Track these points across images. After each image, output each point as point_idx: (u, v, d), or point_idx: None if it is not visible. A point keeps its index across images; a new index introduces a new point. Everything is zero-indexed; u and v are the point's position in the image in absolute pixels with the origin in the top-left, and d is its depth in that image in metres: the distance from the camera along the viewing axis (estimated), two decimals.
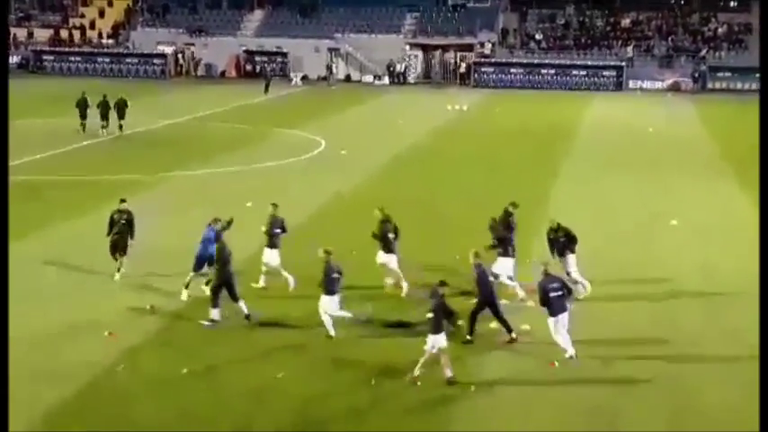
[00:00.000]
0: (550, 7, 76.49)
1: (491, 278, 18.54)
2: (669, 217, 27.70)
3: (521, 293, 19.78)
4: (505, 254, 20.16)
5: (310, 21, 76.34)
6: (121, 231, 21.07)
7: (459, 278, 20.49)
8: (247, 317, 18.32)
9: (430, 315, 16.01)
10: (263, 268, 20.67)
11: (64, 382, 15.67)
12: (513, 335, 17.75)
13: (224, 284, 18.36)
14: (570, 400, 15.48)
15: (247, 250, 21.50)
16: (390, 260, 20.53)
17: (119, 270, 20.95)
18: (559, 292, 16.95)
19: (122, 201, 21.87)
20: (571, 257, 20.31)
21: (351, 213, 26.94)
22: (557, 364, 16.67)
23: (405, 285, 20.39)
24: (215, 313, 18.28)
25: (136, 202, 26.69)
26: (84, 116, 42.43)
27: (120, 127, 42.58)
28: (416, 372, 15.81)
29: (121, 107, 42.70)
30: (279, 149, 39.71)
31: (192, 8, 78.83)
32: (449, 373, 15.77)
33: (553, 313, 16.88)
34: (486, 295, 17.82)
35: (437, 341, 15.85)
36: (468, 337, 17.63)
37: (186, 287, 19.76)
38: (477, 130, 47.23)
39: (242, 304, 18.40)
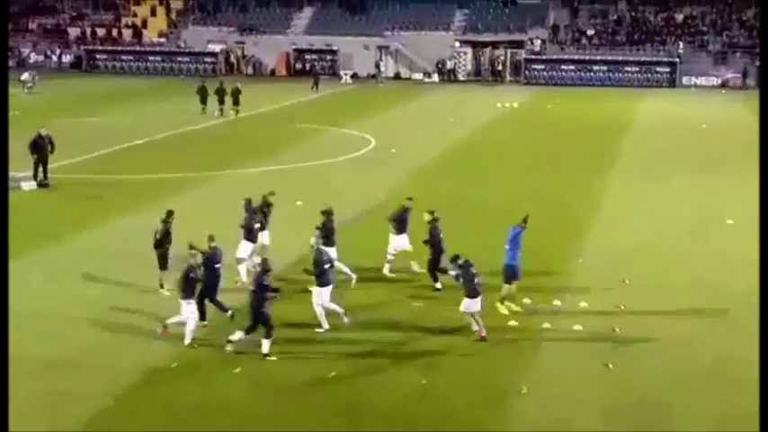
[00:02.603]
0: (602, 3, 75.69)
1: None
2: (722, 215, 27.21)
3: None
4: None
5: (360, 18, 76.36)
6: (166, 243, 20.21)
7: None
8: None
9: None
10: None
11: (114, 381, 15.78)
12: (438, 285, 20.19)
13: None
14: (621, 399, 15.28)
15: (296, 251, 21.48)
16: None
17: (162, 286, 20.03)
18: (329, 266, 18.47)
19: (171, 213, 20.68)
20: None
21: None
22: (611, 366, 16.45)
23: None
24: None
25: (185, 201, 26.93)
26: (204, 101, 48.87)
27: (236, 112, 48.14)
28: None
29: (236, 94, 48.29)
30: (329, 147, 39.73)
31: (242, 6, 79.22)
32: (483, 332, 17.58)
33: (323, 284, 18.09)
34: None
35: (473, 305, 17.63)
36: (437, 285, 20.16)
37: (502, 302, 19.08)
38: (527, 128, 46.85)
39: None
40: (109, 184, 31.86)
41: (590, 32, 73.43)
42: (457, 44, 73.20)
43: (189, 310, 17.35)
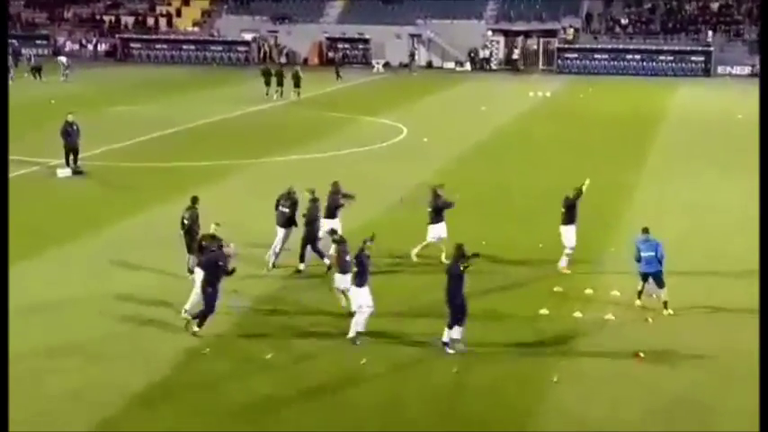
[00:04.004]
0: None
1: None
2: (755, 208, 26.98)
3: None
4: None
5: (392, 7, 76.26)
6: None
7: (548, 267, 20.52)
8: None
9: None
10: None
11: (150, 368, 16.05)
12: (302, 267, 20.56)
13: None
14: (652, 392, 15.25)
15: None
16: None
17: (191, 271, 19.80)
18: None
19: (196, 198, 20.87)
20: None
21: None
22: (642, 354, 16.46)
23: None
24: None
25: (222, 189, 27.09)
26: (268, 84, 52.02)
27: (297, 94, 51.52)
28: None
29: (297, 78, 51.63)
30: (361, 137, 39.82)
31: None
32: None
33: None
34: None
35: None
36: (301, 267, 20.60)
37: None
38: (560, 118, 46.66)
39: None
40: (144, 171, 32.16)
41: (624, 21, 72.91)
42: (489, 33, 72.97)
43: (362, 298, 17.11)
